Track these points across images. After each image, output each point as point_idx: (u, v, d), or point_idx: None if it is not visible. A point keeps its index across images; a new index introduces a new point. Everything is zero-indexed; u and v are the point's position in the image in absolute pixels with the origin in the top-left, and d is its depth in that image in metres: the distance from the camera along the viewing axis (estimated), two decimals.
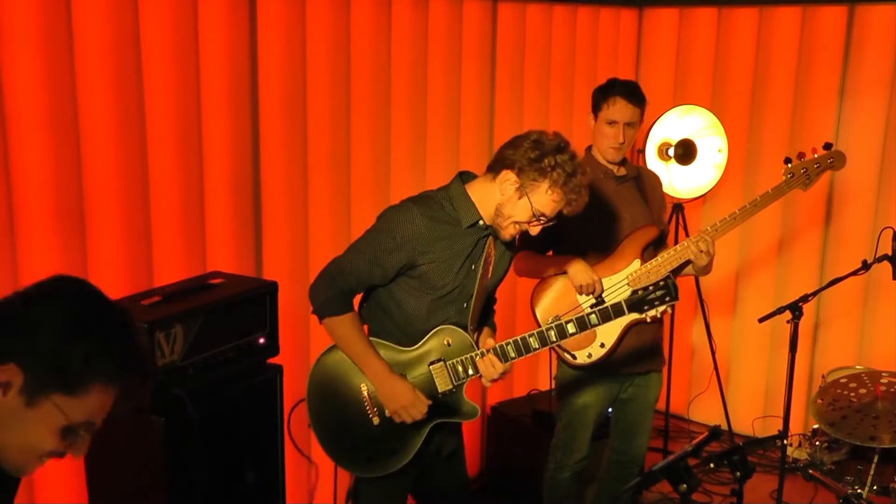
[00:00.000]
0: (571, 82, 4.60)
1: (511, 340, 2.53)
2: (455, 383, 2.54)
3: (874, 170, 4.38)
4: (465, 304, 2.57)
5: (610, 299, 3.14)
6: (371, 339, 2.54)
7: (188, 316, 2.47)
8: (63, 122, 2.59)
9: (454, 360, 2.53)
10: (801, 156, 3.20)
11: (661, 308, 2.55)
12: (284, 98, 3.22)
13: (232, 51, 3.02)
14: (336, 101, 3.40)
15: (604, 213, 3.18)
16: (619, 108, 3.13)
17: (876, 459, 3.66)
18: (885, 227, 3.48)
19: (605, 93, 3.15)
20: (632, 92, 3.14)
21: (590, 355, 3.16)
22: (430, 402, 2.51)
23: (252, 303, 2.70)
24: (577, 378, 3.25)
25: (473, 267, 2.53)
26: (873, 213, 4.39)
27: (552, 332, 2.55)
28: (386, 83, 3.59)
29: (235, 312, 2.63)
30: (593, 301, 3.14)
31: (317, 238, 3.40)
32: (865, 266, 3.45)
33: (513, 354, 2.53)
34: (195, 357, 2.49)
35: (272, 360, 2.79)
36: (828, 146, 3.21)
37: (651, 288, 2.55)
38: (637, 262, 3.16)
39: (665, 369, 3.50)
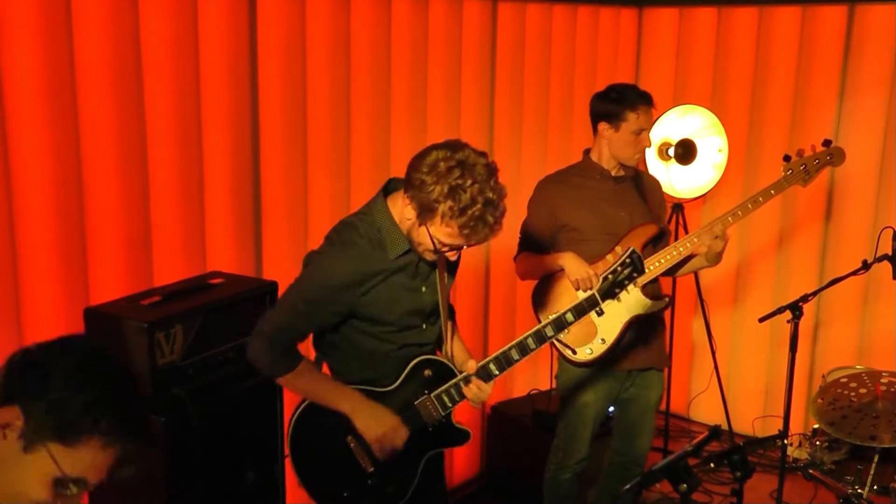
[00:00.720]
0: (571, 82, 4.60)
1: (493, 357, 2.44)
2: (443, 413, 2.45)
3: (874, 169, 4.38)
4: (431, 323, 2.47)
5: None
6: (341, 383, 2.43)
7: (188, 316, 2.47)
8: (63, 122, 2.58)
9: (439, 392, 2.43)
10: (800, 153, 3.21)
11: (632, 285, 2.50)
12: (284, 98, 3.22)
13: (232, 51, 3.02)
14: (336, 101, 3.40)
15: (602, 213, 3.18)
16: (648, 117, 3.13)
17: (876, 459, 3.66)
18: (885, 226, 3.48)
19: (631, 103, 3.10)
20: (649, 97, 3.14)
21: (590, 351, 3.17)
22: (408, 428, 2.41)
23: (252, 303, 2.70)
24: (577, 377, 3.25)
25: (425, 288, 2.40)
26: (873, 213, 4.39)
27: (530, 340, 2.47)
28: (386, 83, 3.59)
29: (235, 312, 2.63)
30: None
31: (317, 238, 3.36)
32: (865, 266, 3.45)
33: (496, 371, 2.44)
34: (195, 357, 2.49)
35: None
36: (827, 143, 3.22)
37: (618, 269, 2.48)
38: None
39: (666, 369, 3.50)
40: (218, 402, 2.54)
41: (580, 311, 2.50)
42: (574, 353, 3.17)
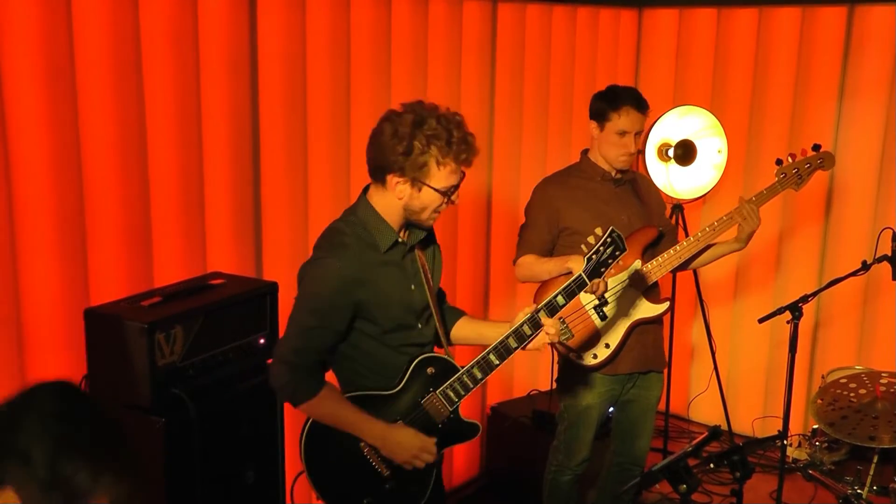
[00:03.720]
0: (571, 83, 4.60)
1: (492, 347, 2.41)
2: (451, 409, 2.45)
3: (874, 170, 4.38)
4: (424, 321, 2.48)
5: (612, 300, 3.16)
6: (351, 394, 2.41)
7: (188, 316, 2.47)
8: (63, 122, 2.58)
9: (444, 388, 2.44)
10: (792, 157, 3.23)
11: (613, 262, 2.47)
12: (284, 98, 3.22)
13: (232, 50, 3.02)
14: (336, 100, 3.40)
15: (603, 215, 3.17)
16: (630, 119, 3.10)
17: (875, 459, 3.67)
18: (885, 227, 3.48)
19: (614, 103, 3.10)
20: (639, 100, 3.12)
21: (595, 356, 3.17)
22: (435, 440, 2.42)
23: (252, 303, 2.70)
24: (579, 380, 3.25)
25: (413, 287, 2.42)
26: (873, 213, 4.40)
27: (526, 327, 2.39)
28: (386, 83, 3.59)
29: (235, 313, 2.63)
30: (597, 302, 3.14)
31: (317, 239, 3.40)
32: (865, 267, 3.45)
33: (497, 361, 2.42)
34: (195, 357, 2.49)
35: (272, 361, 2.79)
36: (816, 147, 3.24)
37: (601, 248, 2.45)
38: (638, 263, 3.16)
39: (665, 369, 3.50)
40: (218, 402, 2.54)
41: (570, 293, 2.46)
42: (581, 358, 3.18)
